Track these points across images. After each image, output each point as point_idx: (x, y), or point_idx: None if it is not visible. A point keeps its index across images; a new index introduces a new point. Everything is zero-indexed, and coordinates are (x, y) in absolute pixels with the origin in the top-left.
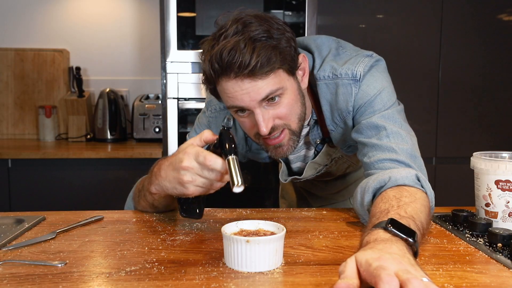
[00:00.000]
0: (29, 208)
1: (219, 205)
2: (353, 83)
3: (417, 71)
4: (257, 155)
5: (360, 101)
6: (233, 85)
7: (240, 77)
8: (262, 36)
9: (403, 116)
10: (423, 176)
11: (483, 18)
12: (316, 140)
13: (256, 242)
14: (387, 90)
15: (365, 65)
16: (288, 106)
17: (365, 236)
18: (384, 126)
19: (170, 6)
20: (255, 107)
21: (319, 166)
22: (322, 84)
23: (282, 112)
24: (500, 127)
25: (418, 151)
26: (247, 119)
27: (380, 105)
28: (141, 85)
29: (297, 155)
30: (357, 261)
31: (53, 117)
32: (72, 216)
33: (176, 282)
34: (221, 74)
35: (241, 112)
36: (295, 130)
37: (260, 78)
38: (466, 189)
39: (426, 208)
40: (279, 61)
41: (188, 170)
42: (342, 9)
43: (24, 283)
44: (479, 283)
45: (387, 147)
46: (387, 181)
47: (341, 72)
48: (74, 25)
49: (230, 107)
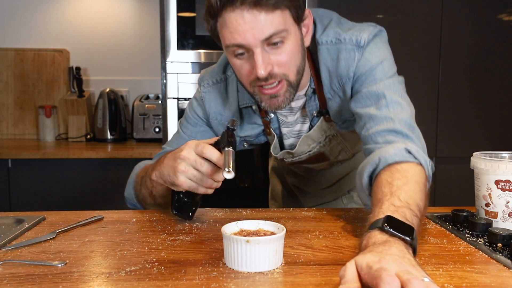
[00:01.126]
0: (29, 208)
1: (219, 205)
2: (356, 49)
3: (417, 71)
4: (249, 131)
5: (362, 69)
6: (237, 16)
7: (246, 6)
8: None
9: (403, 88)
10: (415, 146)
11: (483, 18)
12: (313, 112)
13: (256, 242)
14: (389, 61)
15: (369, 32)
16: (290, 53)
17: (363, 239)
18: (384, 94)
19: (170, 6)
20: (256, 46)
21: (312, 143)
22: (323, 49)
23: (282, 59)
24: (500, 127)
25: (414, 121)
26: (245, 63)
27: (381, 74)
28: (141, 85)
29: (291, 130)
30: (358, 265)
31: (53, 117)
32: (72, 216)
33: (176, 282)
34: (226, 2)
35: (241, 55)
36: (292, 82)
37: (265, 12)
38: (466, 189)
39: (421, 184)
40: (287, 0)
41: (184, 159)
42: (342, 9)
43: (24, 283)
44: (479, 283)
45: (385, 117)
46: (378, 162)
47: (345, 37)
48: (74, 25)
49: (229, 46)
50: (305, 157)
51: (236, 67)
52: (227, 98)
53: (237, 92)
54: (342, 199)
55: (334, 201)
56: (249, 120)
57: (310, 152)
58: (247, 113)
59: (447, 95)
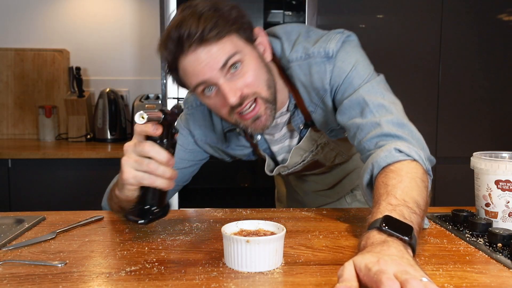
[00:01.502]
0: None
1: (219, 205)
2: (326, 60)
3: (417, 71)
4: (238, 151)
5: (338, 79)
6: (190, 59)
7: (194, 47)
8: (208, 9)
9: (385, 86)
10: (406, 143)
11: (483, 18)
12: (299, 125)
13: (256, 242)
14: (362, 63)
15: (336, 41)
16: (253, 71)
17: (362, 239)
18: (366, 100)
19: (170, 6)
20: (218, 78)
21: (304, 153)
22: (295, 66)
23: (248, 79)
24: (500, 127)
25: (405, 118)
26: (216, 97)
27: (358, 79)
28: (141, 85)
29: (281, 146)
30: (356, 266)
31: (53, 117)
32: (72, 216)
33: (176, 282)
34: (176, 52)
35: (209, 92)
36: (267, 98)
37: (213, 44)
38: (466, 189)
39: (417, 179)
40: (229, 26)
41: (128, 161)
42: (342, 9)
43: (24, 283)
44: (479, 283)
45: (372, 123)
46: (372, 168)
47: (313, 51)
48: (74, 25)
49: (196, 87)
50: (300, 167)
51: (210, 106)
52: (211, 120)
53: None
54: (346, 198)
55: (337, 201)
56: (237, 142)
57: (304, 162)
58: (234, 136)
59: (447, 95)
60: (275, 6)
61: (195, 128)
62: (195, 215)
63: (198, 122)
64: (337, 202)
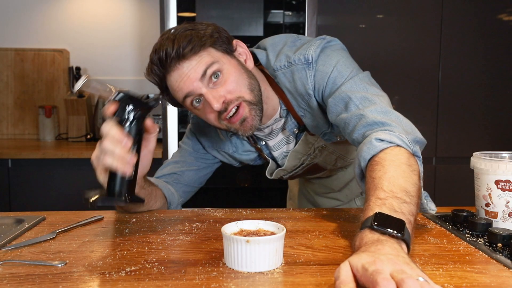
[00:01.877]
0: (29, 208)
1: (219, 205)
2: (306, 66)
3: (417, 71)
4: (245, 156)
5: (321, 81)
6: (174, 76)
7: (174, 64)
8: (184, 31)
9: (369, 81)
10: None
11: (483, 18)
12: (294, 130)
13: (256, 242)
14: (343, 62)
15: (316, 47)
16: (233, 78)
17: (356, 240)
18: (349, 96)
19: (170, 6)
20: (201, 88)
21: (302, 156)
22: (280, 74)
23: (229, 86)
24: (500, 127)
25: (390, 107)
26: (203, 107)
27: (339, 78)
28: (141, 85)
29: (280, 151)
30: (353, 267)
31: (53, 117)
32: (72, 216)
33: (176, 282)
34: (160, 74)
35: (197, 103)
36: (251, 100)
37: (192, 58)
38: (466, 189)
39: (402, 165)
40: (203, 40)
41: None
42: (342, 9)
43: (24, 283)
44: (479, 283)
45: (356, 115)
46: (360, 163)
47: (294, 58)
48: (74, 25)
49: (184, 100)
50: (300, 170)
51: (200, 116)
52: (215, 128)
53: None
54: (355, 201)
55: (348, 203)
56: (243, 147)
57: (303, 165)
58: (239, 141)
59: (447, 95)
60: (275, 6)
61: (201, 135)
62: (195, 215)
63: (203, 130)
64: (347, 204)
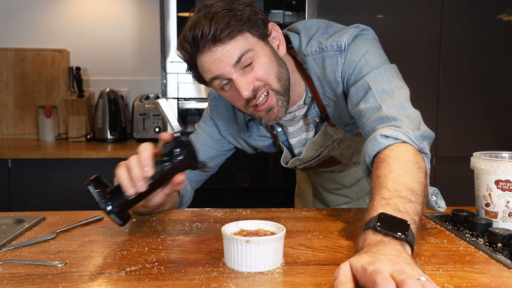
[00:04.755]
0: (29, 208)
1: (219, 205)
2: (338, 53)
3: (417, 71)
4: (260, 142)
5: (348, 70)
6: (206, 57)
7: (208, 46)
8: (222, 10)
9: (394, 73)
10: (396, 126)
11: (483, 18)
12: (315, 119)
13: (256, 242)
14: (372, 51)
15: (349, 35)
16: (264, 67)
17: (359, 240)
18: (370, 86)
19: (170, 6)
20: (232, 73)
21: (320, 147)
22: (310, 60)
23: (259, 75)
24: (500, 127)
25: (407, 102)
26: (232, 91)
27: (366, 67)
28: (141, 85)
29: (298, 139)
30: (353, 267)
31: (53, 117)
32: (72, 216)
33: (176, 282)
34: (192, 52)
35: (225, 86)
36: (278, 90)
37: (227, 42)
38: (466, 189)
39: (408, 163)
40: (241, 24)
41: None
42: (342, 9)
43: (24, 283)
44: (479, 283)
45: (373, 108)
46: (366, 159)
47: (326, 45)
48: (74, 25)
49: (212, 81)
50: (315, 162)
51: (227, 98)
52: (233, 111)
53: None
54: (365, 199)
55: (357, 201)
56: (258, 133)
57: (320, 157)
58: (255, 126)
59: (447, 95)
60: (275, 6)
61: (218, 118)
62: (195, 215)
63: (221, 113)
64: (356, 202)
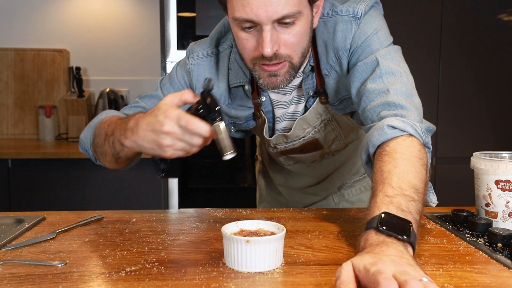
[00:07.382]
0: (29, 208)
1: (219, 205)
2: (353, 20)
3: (417, 71)
4: (240, 112)
5: (357, 40)
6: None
7: None
8: None
9: (401, 56)
10: (403, 116)
11: (483, 18)
12: (309, 91)
13: (256, 242)
14: (384, 31)
15: (366, 4)
16: (299, 35)
17: (360, 240)
18: (379, 63)
19: (170, 6)
20: (267, 24)
21: (308, 127)
22: (320, 22)
23: (290, 40)
24: (500, 127)
25: (414, 90)
26: (251, 37)
27: (376, 44)
28: (141, 85)
29: (285, 112)
30: (355, 267)
31: (53, 117)
32: (72, 216)
33: (176, 282)
34: None
35: (248, 28)
36: (295, 65)
37: None
38: (466, 189)
39: (413, 158)
40: None
41: (169, 134)
42: None
43: (24, 283)
44: (479, 283)
45: (380, 90)
46: (368, 148)
47: (342, 9)
48: (74, 25)
49: (238, 19)
50: (299, 143)
51: (240, 40)
52: (216, 74)
53: (227, 70)
54: (333, 197)
55: (324, 200)
56: (240, 101)
57: (305, 138)
58: (238, 93)
59: (447, 95)
60: None
61: (198, 80)
62: (195, 215)
63: (202, 74)
64: (324, 201)
